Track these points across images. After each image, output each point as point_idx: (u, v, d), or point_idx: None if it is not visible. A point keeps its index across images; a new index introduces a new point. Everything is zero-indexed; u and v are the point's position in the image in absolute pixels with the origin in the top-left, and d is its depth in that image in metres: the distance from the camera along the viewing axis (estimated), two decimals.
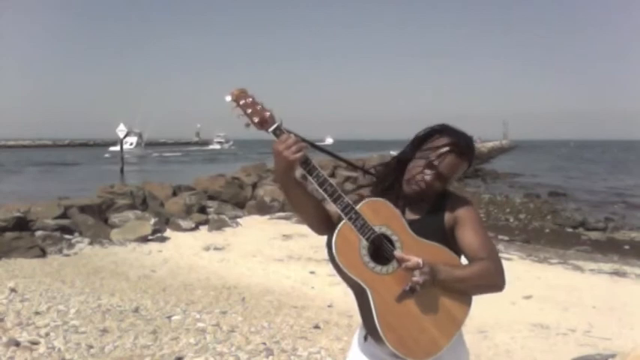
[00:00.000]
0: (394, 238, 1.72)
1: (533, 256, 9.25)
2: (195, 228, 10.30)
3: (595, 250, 10.52)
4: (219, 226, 10.50)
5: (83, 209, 9.54)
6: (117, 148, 61.26)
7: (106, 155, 55.76)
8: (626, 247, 11.00)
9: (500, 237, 11.53)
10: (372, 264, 1.69)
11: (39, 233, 8.29)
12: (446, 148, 1.76)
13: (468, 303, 1.78)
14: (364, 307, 1.72)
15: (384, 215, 1.74)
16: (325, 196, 1.71)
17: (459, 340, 1.82)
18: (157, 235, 9.41)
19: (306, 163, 1.69)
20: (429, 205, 1.83)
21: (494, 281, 1.76)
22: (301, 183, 1.75)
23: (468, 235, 1.79)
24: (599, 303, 6.22)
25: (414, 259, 1.65)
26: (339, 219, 1.71)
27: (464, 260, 1.82)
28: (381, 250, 1.72)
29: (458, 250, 1.81)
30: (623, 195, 22.02)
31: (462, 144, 1.78)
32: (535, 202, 18.43)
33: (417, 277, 1.64)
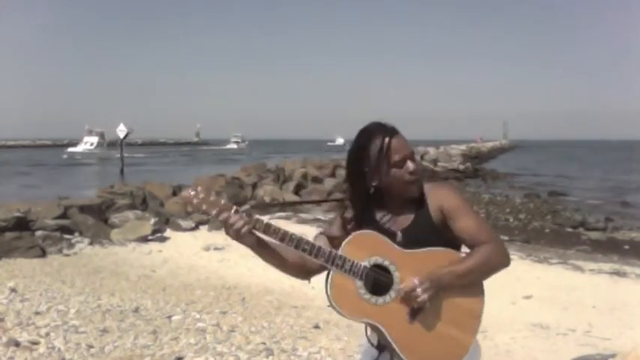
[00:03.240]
0: (386, 263, 1.72)
1: (533, 256, 9.25)
2: (196, 228, 10.31)
3: (595, 250, 10.51)
4: (219, 225, 10.49)
5: (83, 209, 9.54)
6: (75, 149, 57.83)
7: (64, 156, 52.49)
8: (626, 247, 11.00)
9: (500, 237, 11.54)
10: (373, 299, 1.70)
11: (39, 233, 8.29)
12: (386, 142, 1.75)
13: (481, 291, 1.78)
14: (382, 338, 1.73)
15: (368, 246, 1.73)
16: (304, 254, 1.73)
17: None
18: (157, 235, 9.41)
19: (275, 231, 1.73)
20: (414, 209, 1.81)
21: (498, 263, 1.76)
22: (265, 244, 1.79)
23: (461, 225, 1.77)
24: (599, 303, 6.22)
25: (409, 283, 1.66)
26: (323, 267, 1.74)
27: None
28: (379, 280, 1.72)
29: (457, 241, 1.81)
30: (624, 195, 22.02)
31: (384, 127, 1.78)
32: (535, 202, 18.43)
33: (421, 296, 1.66)
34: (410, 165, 1.76)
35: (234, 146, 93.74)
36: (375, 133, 1.77)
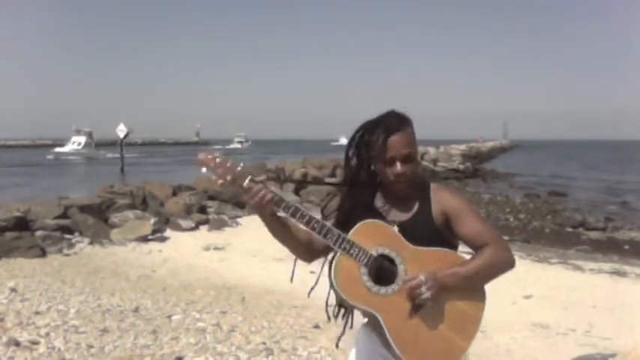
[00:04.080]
0: (393, 255, 1.72)
1: (533, 255, 9.25)
2: (195, 228, 10.30)
3: (595, 250, 10.53)
4: (219, 225, 10.50)
5: (83, 209, 9.53)
6: (62, 149, 55.27)
7: (49, 157, 50.23)
8: (626, 247, 11.01)
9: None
10: (376, 288, 1.70)
11: (39, 233, 8.28)
12: (382, 137, 1.74)
13: (482, 298, 1.77)
14: (379, 330, 1.74)
15: (377, 236, 1.73)
16: (314, 233, 1.73)
17: None
18: (157, 234, 9.41)
19: (287, 207, 1.73)
20: (416, 205, 1.81)
21: (503, 264, 1.76)
22: (279, 219, 1.79)
23: (465, 227, 1.77)
24: (599, 303, 6.22)
25: (416, 279, 1.66)
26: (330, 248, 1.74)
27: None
28: (383, 271, 1.72)
29: (455, 241, 1.82)
30: (624, 195, 22.02)
31: (390, 121, 1.77)
32: (535, 202, 18.44)
33: (425, 294, 1.65)
34: (397, 166, 1.75)
35: (238, 146, 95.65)
36: (379, 124, 1.78)
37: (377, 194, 1.85)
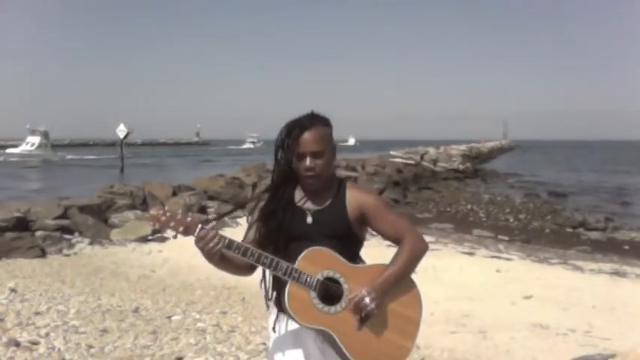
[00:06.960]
0: (337, 276, 1.90)
1: (533, 256, 9.25)
2: None
3: (595, 250, 10.53)
4: (219, 226, 10.51)
5: (83, 209, 9.54)
6: (15, 150, 50.74)
7: (0, 159, 46.20)
8: (626, 247, 11.02)
9: (500, 237, 11.53)
10: (326, 308, 1.87)
11: (39, 233, 8.29)
12: (295, 134, 1.91)
13: (416, 299, 1.98)
14: (334, 344, 1.89)
15: (322, 261, 1.90)
16: (264, 268, 1.91)
17: None
18: (157, 235, 9.39)
19: (237, 248, 1.89)
20: (330, 198, 1.99)
21: (421, 251, 2.00)
22: (225, 257, 1.94)
23: (382, 224, 2.00)
24: (599, 303, 6.22)
25: (358, 294, 1.86)
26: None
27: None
28: (331, 291, 1.89)
29: (362, 235, 2.02)
30: (624, 195, 22.03)
31: (301, 120, 1.94)
32: (535, 202, 18.42)
33: (369, 305, 1.84)
34: (306, 161, 1.91)
35: (251, 146, 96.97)
36: (293, 124, 1.94)
37: (297, 188, 2.03)
